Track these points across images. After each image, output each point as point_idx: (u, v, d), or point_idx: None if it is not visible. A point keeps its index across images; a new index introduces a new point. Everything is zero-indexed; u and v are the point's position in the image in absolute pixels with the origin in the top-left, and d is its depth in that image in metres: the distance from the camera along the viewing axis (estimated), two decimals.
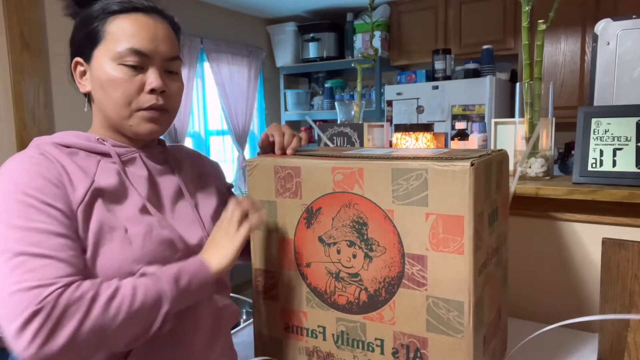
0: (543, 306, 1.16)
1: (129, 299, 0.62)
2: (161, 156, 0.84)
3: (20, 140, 2.43)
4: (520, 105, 1.16)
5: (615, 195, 1.00)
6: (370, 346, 0.77)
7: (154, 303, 0.64)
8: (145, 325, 0.64)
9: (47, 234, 0.63)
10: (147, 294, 0.64)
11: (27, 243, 0.61)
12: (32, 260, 0.60)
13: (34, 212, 0.63)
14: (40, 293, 0.58)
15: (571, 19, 3.06)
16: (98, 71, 0.74)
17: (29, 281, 0.58)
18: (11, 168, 0.68)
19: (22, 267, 0.59)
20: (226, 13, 3.76)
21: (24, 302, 0.57)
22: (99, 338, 0.60)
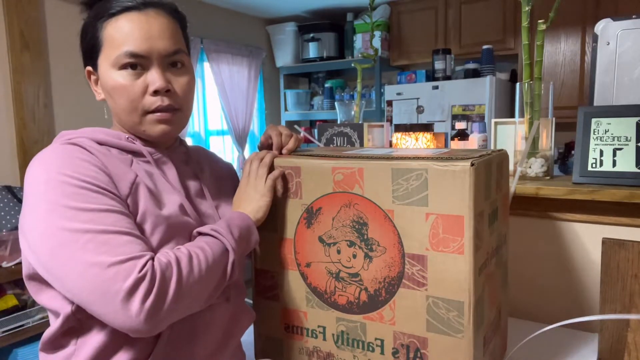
0: (543, 306, 1.16)
1: (203, 255, 0.67)
2: (184, 157, 0.84)
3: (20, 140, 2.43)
4: (520, 105, 1.16)
5: (615, 195, 1.00)
6: (370, 346, 0.77)
7: (222, 254, 0.70)
8: (221, 274, 0.70)
9: (118, 214, 0.64)
10: (214, 249, 0.69)
11: (104, 223, 0.62)
12: (116, 237, 0.62)
13: (98, 195, 0.64)
14: (136, 264, 0.60)
15: (571, 19, 3.06)
16: (104, 79, 0.74)
17: (121, 255, 0.60)
18: (54, 157, 0.67)
19: (109, 243, 0.61)
20: (226, 13, 3.75)
21: (123, 274, 0.59)
22: (193, 293, 0.65)
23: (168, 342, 0.70)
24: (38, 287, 0.70)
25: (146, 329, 0.60)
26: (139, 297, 0.59)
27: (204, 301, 0.70)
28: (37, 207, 0.63)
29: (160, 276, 0.61)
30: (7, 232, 2.20)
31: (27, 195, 0.65)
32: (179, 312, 0.64)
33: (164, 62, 0.73)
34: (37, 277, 0.69)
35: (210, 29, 3.59)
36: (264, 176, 0.81)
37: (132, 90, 0.72)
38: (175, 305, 0.62)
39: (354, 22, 3.83)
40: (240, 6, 3.73)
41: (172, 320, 0.64)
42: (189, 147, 0.88)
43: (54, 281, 0.63)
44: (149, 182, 0.72)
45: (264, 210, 0.80)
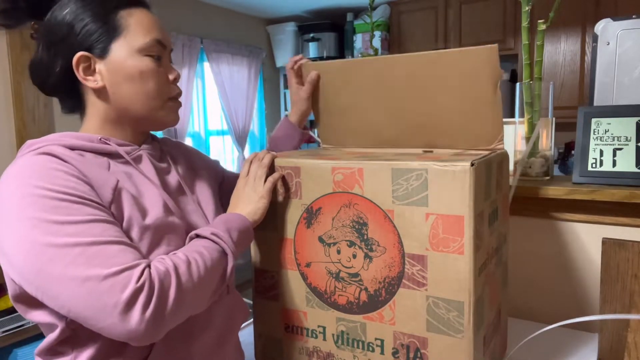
0: (543, 306, 1.16)
1: (201, 261, 0.67)
2: (158, 153, 0.83)
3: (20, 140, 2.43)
4: (520, 105, 1.16)
5: (615, 195, 1.00)
6: (370, 346, 0.77)
7: (220, 259, 0.70)
8: (220, 279, 0.71)
9: (105, 223, 0.62)
10: (213, 254, 0.69)
11: (92, 234, 0.60)
12: (107, 248, 0.60)
13: (80, 206, 0.62)
14: (132, 274, 0.59)
15: (571, 19, 3.06)
16: (123, 64, 0.72)
17: (115, 266, 0.59)
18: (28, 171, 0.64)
19: (100, 255, 0.59)
20: (226, 13, 3.76)
21: (119, 286, 0.58)
22: (192, 299, 0.65)
23: (165, 342, 0.70)
24: (26, 306, 0.68)
25: (147, 338, 0.59)
26: (138, 307, 0.58)
27: (203, 305, 0.70)
28: (17, 225, 0.60)
29: (159, 285, 0.60)
30: None
31: (2, 214, 0.62)
32: (179, 317, 0.64)
33: (169, 56, 0.80)
34: (24, 297, 0.66)
35: (210, 29, 3.59)
36: (263, 177, 0.81)
37: (159, 76, 0.75)
38: (175, 312, 0.61)
39: (354, 22, 3.83)
40: (240, 6, 3.73)
41: (173, 325, 0.63)
42: (160, 140, 0.87)
43: (46, 300, 0.61)
44: (130, 185, 0.71)
45: (262, 212, 0.79)
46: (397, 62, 0.87)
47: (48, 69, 0.73)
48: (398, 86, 0.88)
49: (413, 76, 0.86)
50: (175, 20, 3.23)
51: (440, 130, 0.87)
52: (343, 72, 0.94)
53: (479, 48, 0.79)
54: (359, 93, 0.92)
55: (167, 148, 0.86)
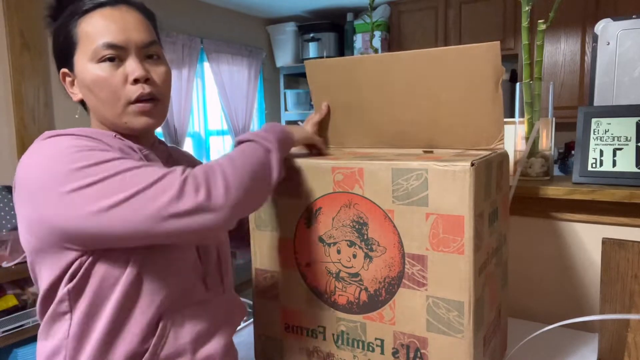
0: (543, 306, 1.16)
1: (241, 155, 0.69)
2: (166, 155, 0.84)
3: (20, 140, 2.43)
4: (520, 105, 1.16)
5: (615, 195, 1.00)
6: (370, 346, 0.77)
7: (263, 153, 0.71)
8: (267, 171, 0.71)
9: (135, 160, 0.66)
10: (254, 150, 0.71)
11: (126, 165, 0.63)
12: (143, 169, 0.63)
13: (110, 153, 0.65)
14: (174, 175, 0.62)
15: (571, 19, 3.06)
16: (82, 75, 0.73)
17: (155, 175, 0.61)
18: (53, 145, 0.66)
19: (139, 175, 0.62)
20: (226, 13, 3.75)
21: (165, 184, 0.61)
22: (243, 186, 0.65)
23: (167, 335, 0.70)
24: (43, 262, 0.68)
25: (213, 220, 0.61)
26: (189, 190, 0.60)
27: (259, 198, 0.71)
28: (45, 187, 0.62)
29: (203, 174, 0.63)
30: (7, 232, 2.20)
31: (36, 181, 0.63)
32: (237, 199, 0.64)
33: (140, 53, 0.74)
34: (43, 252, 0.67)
35: (210, 29, 3.59)
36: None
37: (112, 81, 0.72)
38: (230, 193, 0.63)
39: (354, 22, 3.83)
40: (240, 6, 3.73)
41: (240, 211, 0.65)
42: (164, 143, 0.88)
43: (103, 241, 0.63)
44: None
45: (303, 136, 0.85)
46: (398, 60, 0.87)
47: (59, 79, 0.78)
48: (399, 84, 0.88)
49: (414, 73, 0.86)
50: (175, 20, 3.23)
51: (441, 129, 0.87)
52: (344, 70, 0.94)
53: (481, 45, 0.79)
54: (360, 91, 0.92)
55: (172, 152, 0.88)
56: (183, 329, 0.72)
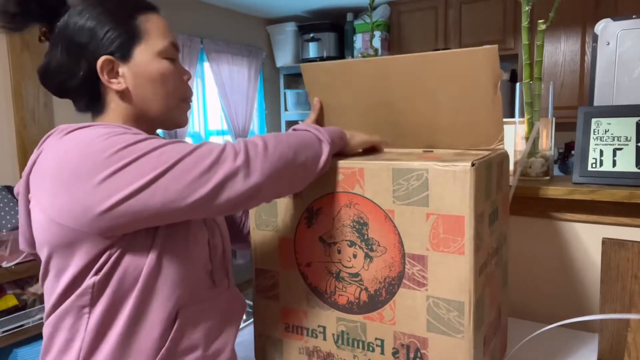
0: (543, 306, 1.16)
1: (289, 134, 0.71)
2: None
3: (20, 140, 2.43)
4: (520, 105, 1.16)
5: (615, 195, 1.00)
6: (370, 346, 0.77)
7: (312, 140, 0.73)
8: (313, 155, 0.72)
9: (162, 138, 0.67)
10: (303, 135, 0.72)
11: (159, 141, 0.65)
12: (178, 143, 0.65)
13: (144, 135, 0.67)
14: (211, 143, 0.65)
15: (571, 19, 3.06)
16: (146, 66, 0.75)
17: (194, 145, 0.64)
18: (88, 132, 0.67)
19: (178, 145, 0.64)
20: (226, 13, 3.75)
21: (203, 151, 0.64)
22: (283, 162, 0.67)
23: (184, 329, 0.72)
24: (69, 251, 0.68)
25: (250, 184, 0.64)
26: (229, 159, 0.63)
27: (297, 177, 0.71)
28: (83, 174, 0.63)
29: (243, 142, 0.65)
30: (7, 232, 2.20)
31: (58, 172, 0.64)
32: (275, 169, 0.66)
33: (178, 59, 0.83)
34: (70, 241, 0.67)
35: (210, 29, 3.59)
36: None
37: (177, 78, 0.79)
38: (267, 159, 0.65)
39: (354, 22, 3.83)
40: (240, 6, 3.73)
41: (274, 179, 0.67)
42: None
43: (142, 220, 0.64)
44: None
45: (361, 140, 0.83)
46: (397, 63, 0.87)
47: (71, 73, 0.76)
48: (398, 87, 0.88)
49: (413, 77, 0.86)
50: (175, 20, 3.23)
51: (441, 131, 0.87)
52: (342, 72, 0.94)
53: (479, 49, 0.79)
54: (359, 94, 0.92)
55: None
56: (196, 324, 0.74)
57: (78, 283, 0.68)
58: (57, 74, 0.77)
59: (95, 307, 0.68)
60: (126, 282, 0.68)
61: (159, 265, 0.70)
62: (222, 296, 0.80)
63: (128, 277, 0.68)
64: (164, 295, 0.70)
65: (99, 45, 0.74)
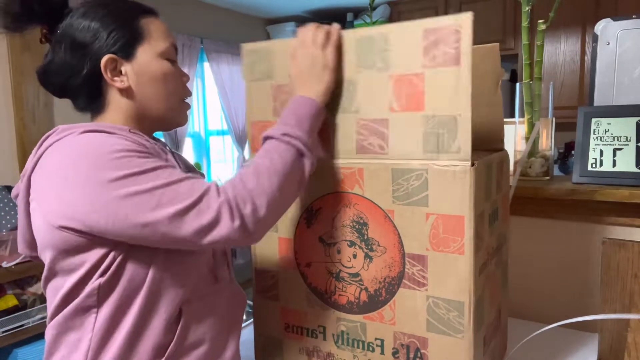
0: (543, 306, 1.16)
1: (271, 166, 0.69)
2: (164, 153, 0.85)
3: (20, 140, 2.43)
4: (520, 105, 1.16)
5: (615, 195, 1.00)
6: (370, 346, 0.77)
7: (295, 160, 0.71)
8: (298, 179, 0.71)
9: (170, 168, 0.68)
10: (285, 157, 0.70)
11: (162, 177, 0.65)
12: (180, 185, 0.66)
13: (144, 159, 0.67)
14: (210, 195, 0.65)
15: (571, 19, 3.06)
16: (149, 66, 0.77)
17: (193, 196, 0.64)
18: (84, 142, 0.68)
19: (177, 191, 0.65)
20: (226, 13, 3.75)
21: (203, 208, 0.64)
22: (274, 202, 0.68)
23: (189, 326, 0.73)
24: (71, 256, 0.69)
25: (247, 240, 0.67)
26: (225, 216, 0.64)
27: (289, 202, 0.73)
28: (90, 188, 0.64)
29: (234, 200, 0.65)
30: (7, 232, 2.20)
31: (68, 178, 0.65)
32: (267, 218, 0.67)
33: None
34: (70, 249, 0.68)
35: (210, 29, 3.59)
36: (326, 44, 0.76)
37: (178, 78, 0.81)
38: (259, 215, 0.66)
39: (354, 22, 3.82)
40: (240, 6, 3.73)
41: (271, 222, 0.69)
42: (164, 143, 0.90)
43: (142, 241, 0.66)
44: None
45: (330, 88, 0.75)
46: None
47: (74, 71, 0.77)
48: None
49: None
50: (175, 20, 3.23)
51: None
52: None
53: (480, 47, 0.79)
54: None
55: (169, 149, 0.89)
56: (201, 320, 0.75)
57: (83, 285, 0.69)
58: (59, 73, 0.78)
59: (102, 308, 0.69)
60: (133, 282, 0.69)
61: (165, 266, 0.71)
62: (225, 291, 0.81)
63: (134, 277, 0.69)
64: (170, 294, 0.71)
65: (103, 44, 0.76)
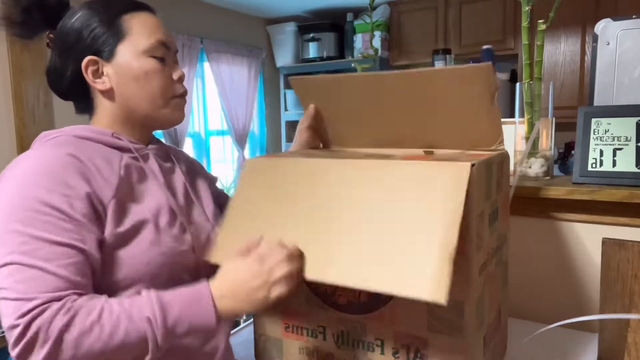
0: (543, 306, 1.16)
1: (108, 333, 0.59)
2: (164, 152, 0.85)
3: (20, 140, 2.43)
4: (520, 105, 1.16)
5: (615, 195, 1.00)
6: (370, 346, 0.77)
7: (137, 342, 0.60)
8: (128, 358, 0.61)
9: (44, 242, 0.62)
10: (129, 333, 0.60)
11: (21, 251, 0.61)
12: (21, 271, 0.60)
13: (37, 217, 0.63)
14: (21, 307, 0.58)
15: (571, 19, 3.06)
16: (130, 65, 0.75)
17: (15, 292, 0.59)
18: (31, 166, 0.66)
19: (13, 276, 0.60)
20: (226, 13, 3.76)
21: (9, 310, 0.59)
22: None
23: None
24: None
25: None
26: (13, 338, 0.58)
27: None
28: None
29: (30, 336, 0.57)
30: None
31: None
32: None
33: (174, 58, 0.81)
34: None
35: (210, 29, 3.59)
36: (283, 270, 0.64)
37: (163, 76, 0.77)
38: None
39: (354, 22, 3.82)
40: (240, 6, 3.73)
41: None
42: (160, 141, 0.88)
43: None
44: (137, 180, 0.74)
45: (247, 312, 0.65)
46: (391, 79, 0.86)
47: (61, 74, 0.77)
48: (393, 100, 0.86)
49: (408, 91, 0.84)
50: (175, 20, 3.23)
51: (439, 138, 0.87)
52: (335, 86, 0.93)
53: (473, 66, 0.77)
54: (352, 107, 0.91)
55: (171, 150, 0.89)
56: None
57: None
58: (54, 77, 0.78)
59: None
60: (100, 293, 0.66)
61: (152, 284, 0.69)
62: None
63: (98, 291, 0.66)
64: None
65: (84, 45, 0.75)
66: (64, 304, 0.59)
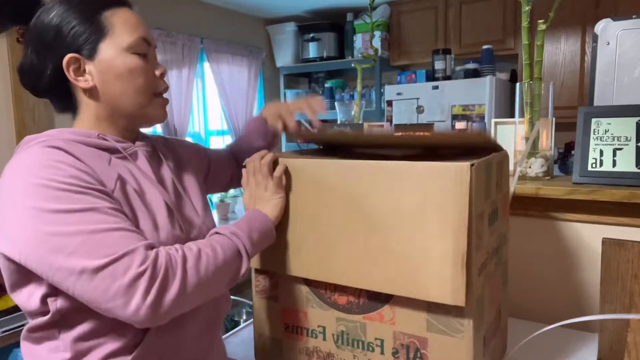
0: (543, 306, 1.16)
1: (212, 257, 0.67)
2: (151, 148, 0.84)
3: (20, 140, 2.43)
4: (520, 105, 1.16)
5: (615, 195, 1.00)
6: (370, 346, 0.77)
7: (234, 258, 0.71)
8: (230, 278, 0.71)
9: (107, 211, 0.64)
10: (226, 251, 0.70)
11: (93, 222, 0.62)
12: (108, 235, 0.62)
13: (81, 195, 0.63)
14: (132, 259, 0.60)
15: (571, 19, 3.06)
16: (113, 62, 0.73)
17: (116, 253, 0.60)
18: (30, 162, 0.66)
19: (102, 243, 0.61)
20: (226, 13, 3.75)
21: (120, 270, 0.59)
22: (197, 293, 0.65)
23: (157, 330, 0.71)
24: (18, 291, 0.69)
25: (148, 323, 0.61)
26: (139, 293, 0.59)
27: (208, 298, 0.71)
28: (21, 214, 0.62)
29: (163, 273, 0.61)
30: None
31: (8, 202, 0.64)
32: (181, 308, 0.64)
33: (154, 53, 0.80)
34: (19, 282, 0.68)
35: (210, 29, 3.58)
36: (269, 174, 0.81)
37: (146, 73, 0.76)
38: (177, 302, 0.62)
39: (354, 22, 3.82)
40: (240, 6, 3.73)
41: (176, 314, 0.64)
42: (149, 137, 0.87)
43: (54, 284, 0.63)
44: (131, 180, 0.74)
45: (281, 206, 0.80)
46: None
47: (39, 72, 0.75)
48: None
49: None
50: (175, 20, 3.23)
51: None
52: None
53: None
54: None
55: (157, 145, 0.87)
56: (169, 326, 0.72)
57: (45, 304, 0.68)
58: (29, 75, 0.76)
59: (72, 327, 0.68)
60: None
61: None
62: None
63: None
64: None
65: (65, 43, 0.73)
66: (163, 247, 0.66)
